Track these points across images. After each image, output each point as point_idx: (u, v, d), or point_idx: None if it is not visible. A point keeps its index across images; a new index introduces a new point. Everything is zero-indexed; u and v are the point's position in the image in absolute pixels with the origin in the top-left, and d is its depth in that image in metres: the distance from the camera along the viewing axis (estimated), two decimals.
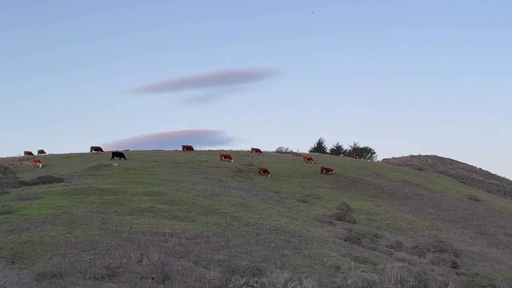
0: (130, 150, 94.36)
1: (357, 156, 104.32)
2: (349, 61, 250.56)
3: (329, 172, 72.16)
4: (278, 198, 54.13)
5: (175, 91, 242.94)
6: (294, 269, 29.00)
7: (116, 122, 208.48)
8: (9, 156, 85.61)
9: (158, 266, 25.54)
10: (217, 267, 27.02)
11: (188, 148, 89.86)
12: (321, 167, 73.47)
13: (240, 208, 42.96)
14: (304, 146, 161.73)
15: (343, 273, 28.83)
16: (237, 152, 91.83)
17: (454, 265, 37.88)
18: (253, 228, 36.46)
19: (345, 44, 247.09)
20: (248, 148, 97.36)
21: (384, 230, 48.96)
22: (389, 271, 27.99)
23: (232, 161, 75.01)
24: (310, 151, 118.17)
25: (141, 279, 24.72)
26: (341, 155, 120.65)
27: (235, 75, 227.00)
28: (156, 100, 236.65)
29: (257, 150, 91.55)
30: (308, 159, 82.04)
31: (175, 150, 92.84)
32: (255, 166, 71.58)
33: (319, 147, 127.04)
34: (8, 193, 44.09)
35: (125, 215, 35.44)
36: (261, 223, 38.40)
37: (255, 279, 25.34)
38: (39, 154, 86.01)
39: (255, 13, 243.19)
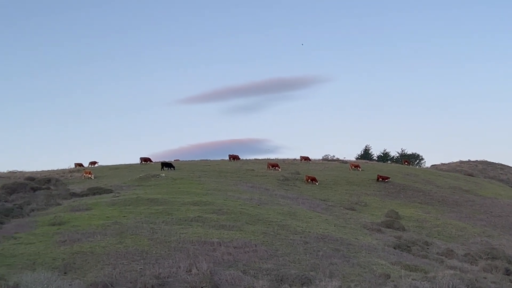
0: (180, 160, 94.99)
1: (406, 163, 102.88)
2: (395, 68, 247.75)
3: (386, 180, 71.35)
4: (325, 206, 53.80)
5: (222, 100, 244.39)
6: (343, 277, 28.75)
7: (164, 132, 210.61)
8: (59, 168, 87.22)
9: (207, 275, 25.66)
10: (265, 276, 27.00)
11: (234, 157, 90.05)
12: (378, 175, 72.64)
13: (287, 216, 42.86)
14: (350, 153, 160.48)
15: (393, 281, 28.45)
16: (283, 160, 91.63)
17: (508, 272, 36.92)
18: (301, 237, 36.31)
19: (392, 50, 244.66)
20: (294, 156, 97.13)
21: (435, 237, 48.13)
22: (441, 279, 27.49)
23: (280, 169, 74.92)
24: (357, 158, 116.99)
25: None
26: (389, 161, 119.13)
27: (282, 83, 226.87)
28: (203, 109, 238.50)
29: (306, 158, 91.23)
30: (355, 167, 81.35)
31: (221, 160, 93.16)
32: (302, 174, 71.32)
33: (365, 154, 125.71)
34: (59, 204, 44.99)
35: (173, 225, 35.76)
36: (309, 232, 38.21)
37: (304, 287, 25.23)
38: (91, 166, 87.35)
39: (300, 21, 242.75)
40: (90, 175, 69.55)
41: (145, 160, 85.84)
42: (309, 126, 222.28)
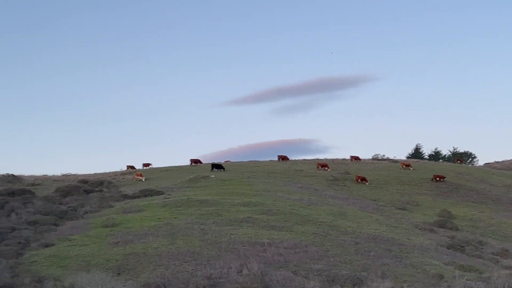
0: (231, 161, 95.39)
1: (459, 161, 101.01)
2: (444, 65, 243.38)
3: (442, 179, 70.18)
4: (376, 206, 53.28)
5: (271, 101, 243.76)
6: (396, 278, 28.40)
7: (214, 134, 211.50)
8: (112, 170, 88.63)
9: (258, 276, 25.70)
10: (316, 276, 26.90)
11: (283, 158, 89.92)
12: (434, 175, 71.47)
13: (337, 217, 42.60)
14: (401, 152, 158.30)
15: (447, 281, 27.97)
16: (333, 160, 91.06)
17: None
18: (351, 237, 36.05)
19: (440, 48, 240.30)
20: (344, 156, 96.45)
21: (489, 237, 47.10)
22: (496, 279, 26.89)
23: (329, 169, 74.52)
24: (408, 157, 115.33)
25: None
26: (440, 160, 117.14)
27: (331, 82, 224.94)
28: (252, 110, 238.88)
29: (356, 158, 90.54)
30: (406, 166, 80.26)
31: (270, 160, 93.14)
32: (351, 174, 70.78)
33: (416, 153, 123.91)
34: (112, 206, 45.76)
35: (224, 226, 35.96)
36: (360, 232, 37.90)
37: None
38: (144, 167, 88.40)
39: (349, 20, 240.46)
40: (141, 177, 70.48)
41: (195, 161, 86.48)
42: (359, 125, 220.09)
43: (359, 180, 66.72)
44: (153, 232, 33.70)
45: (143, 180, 69.37)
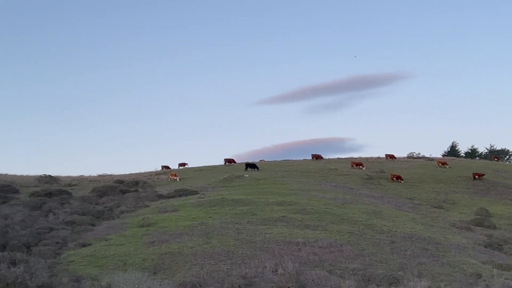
0: (265, 160, 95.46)
1: (496, 159, 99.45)
2: (479, 62, 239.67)
3: (481, 178, 69.18)
4: (411, 204, 52.73)
5: (305, 99, 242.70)
6: (433, 277, 28.10)
7: (248, 133, 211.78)
8: (146, 170, 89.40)
9: (293, 275, 25.67)
10: (352, 276, 26.77)
11: (317, 157, 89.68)
12: (473, 173, 70.45)
13: (372, 216, 42.30)
14: (436, 150, 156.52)
15: (485, 280, 27.59)
16: (367, 158, 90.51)
17: None
18: (387, 236, 35.77)
19: (475, 45, 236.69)
20: (378, 154, 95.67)
21: None
22: None
23: (364, 168, 74.05)
24: (443, 155, 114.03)
25: None
26: (477, 158, 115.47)
27: (365, 80, 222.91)
28: (286, 109, 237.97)
29: (391, 156, 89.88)
30: (442, 164, 79.33)
31: (304, 159, 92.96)
32: (386, 173, 70.21)
33: (452, 151, 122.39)
34: (147, 206, 46.15)
35: (258, 225, 36.00)
36: (395, 231, 37.57)
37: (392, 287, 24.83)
38: (180, 167, 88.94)
39: (382, 18, 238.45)
40: (175, 177, 70.94)
41: (229, 161, 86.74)
42: (393, 123, 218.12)
43: (394, 178, 66.15)
44: (188, 231, 33.91)
45: (178, 180, 69.80)
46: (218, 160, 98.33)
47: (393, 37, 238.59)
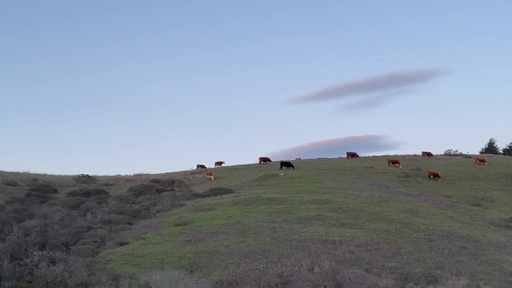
0: (301, 158, 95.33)
1: None
2: None
3: None
4: (449, 202, 52.06)
5: (339, 97, 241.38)
6: (471, 276, 27.67)
7: (282, 132, 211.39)
8: (182, 170, 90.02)
9: (329, 274, 25.58)
10: (389, 274, 26.54)
11: (352, 155, 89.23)
12: None
13: (409, 214, 41.87)
14: (474, 148, 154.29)
15: None
16: (403, 156, 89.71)
17: None
18: (424, 234, 35.37)
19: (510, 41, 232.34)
20: (414, 152, 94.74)
21: None
22: None
23: (400, 166, 73.43)
24: (481, 152, 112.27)
25: (314, 287, 24.85)
26: None
27: (400, 77, 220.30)
28: (321, 107, 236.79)
29: (428, 154, 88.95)
30: (480, 161, 78.13)
31: (339, 158, 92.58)
32: (423, 171, 69.45)
33: (490, 148, 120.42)
34: (183, 205, 46.47)
35: (294, 224, 35.94)
36: (433, 229, 37.12)
37: (430, 286, 24.59)
38: (217, 166, 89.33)
39: (419, 14, 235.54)
40: (210, 176, 71.25)
41: (264, 160, 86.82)
42: (430, 120, 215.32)
43: (432, 176, 65.38)
44: (224, 230, 34.03)
45: (212, 179, 70.10)
46: (253, 159, 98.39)
47: (430, 33, 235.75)
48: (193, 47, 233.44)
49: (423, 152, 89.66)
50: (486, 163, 76.80)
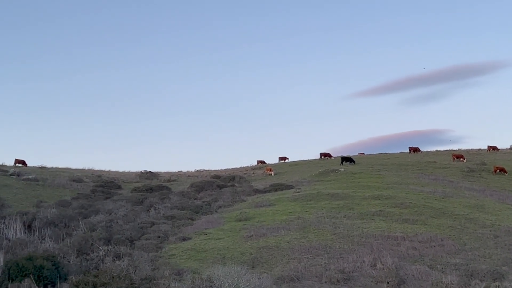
0: (365, 153, 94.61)
1: None
2: None
3: None
4: None
5: (402, 90, 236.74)
6: None
7: (343, 126, 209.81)
8: (242, 165, 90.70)
9: (392, 270, 25.27)
10: (454, 271, 26.03)
11: (414, 150, 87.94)
12: None
13: (474, 209, 40.94)
14: None
15: None
16: (467, 150, 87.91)
17: None
18: (490, 230, 34.51)
19: None
20: (479, 146, 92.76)
21: None
22: None
23: (465, 161, 71.91)
24: None
25: (376, 283, 24.63)
26: None
27: (465, 70, 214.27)
28: (382, 101, 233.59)
29: (494, 148, 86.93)
30: None
31: (400, 152, 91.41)
32: (488, 165, 67.82)
33: None
34: (244, 201, 46.76)
35: (355, 219, 35.67)
36: (499, 225, 36.16)
37: (496, 283, 23.93)
38: (280, 161, 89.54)
39: (481, 3, 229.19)
40: (270, 172, 71.47)
41: (325, 155, 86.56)
42: (496, 113, 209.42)
43: (498, 170, 63.79)
44: (285, 225, 34.06)
45: (272, 174, 70.29)
46: (314, 155, 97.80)
47: (495, 23, 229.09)
48: (259, 38, 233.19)
49: (488, 146, 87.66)
50: None
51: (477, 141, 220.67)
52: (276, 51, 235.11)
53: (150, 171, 77.96)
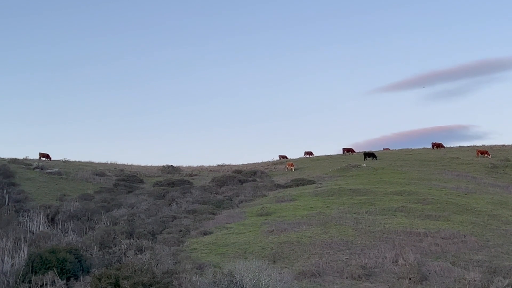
0: (390, 149, 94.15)
1: None
2: None
3: None
4: None
5: (426, 85, 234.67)
6: None
7: (367, 121, 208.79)
8: (264, 160, 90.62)
9: (414, 266, 25.10)
10: (476, 267, 25.79)
11: (437, 145, 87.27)
12: None
13: (498, 206, 40.51)
14: None
15: None
16: (491, 146, 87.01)
17: None
18: None
19: None
20: (503, 142, 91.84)
21: None
22: None
23: (490, 157, 71.21)
24: None
25: (398, 279, 24.48)
26: None
27: (491, 64, 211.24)
28: (406, 96, 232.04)
29: None
30: None
31: (423, 148, 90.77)
32: None
33: None
34: (265, 196, 46.78)
35: (377, 215, 35.50)
36: None
37: None
38: (307, 155, 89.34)
39: None
40: (291, 167, 71.38)
41: (348, 150, 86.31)
42: None
43: None
44: (306, 221, 34.00)
45: (293, 170, 70.21)
46: (337, 150, 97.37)
47: None
48: (284, 31, 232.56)
49: None
50: None
51: (501, 137, 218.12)
52: (302, 45, 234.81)
53: (172, 166, 78.28)
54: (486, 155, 72.44)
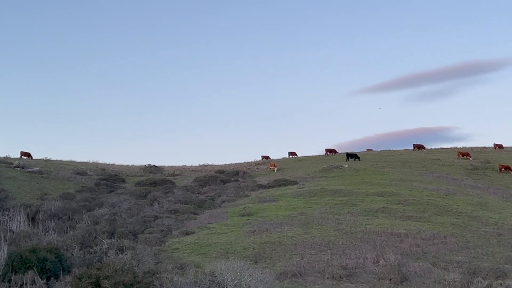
0: (374, 150, 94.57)
1: None
2: None
3: None
4: None
5: (410, 87, 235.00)
6: None
7: (349, 122, 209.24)
8: (246, 161, 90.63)
9: (395, 266, 25.26)
10: (456, 268, 26.02)
11: (419, 147, 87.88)
12: None
13: (478, 207, 40.91)
14: None
15: None
16: (471, 148, 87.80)
17: None
18: (493, 228, 34.49)
19: None
20: (484, 144, 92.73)
21: None
22: None
23: (471, 158, 71.85)
24: None
25: (379, 280, 24.62)
26: None
27: (475, 66, 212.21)
28: (389, 97, 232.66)
29: (500, 146, 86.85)
30: None
31: (405, 149, 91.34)
32: (492, 163, 67.75)
33: None
34: (247, 196, 46.81)
35: (358, 216, 35.68)
36: (502, 223, 36.14)
37: (499, 281, 23.90)
38: (290, 156, 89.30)
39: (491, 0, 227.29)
40: (274, 167, 71.48)
41: (331, 151, 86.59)
42: (503, 111, 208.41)
43: (503, 169, 63.71)
44: (288, 221, 34.07)
45: (275, 170, 70.30)
46: (320, 150, 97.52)
47: (505, 20, 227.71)
48: (265, 33, 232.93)
49: (494, 144, 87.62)
50: None
51: (484, 139, 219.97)
52: (283, 46, 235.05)
53: (154, 165, 78.03)
54: (467, 157, 73.06)
